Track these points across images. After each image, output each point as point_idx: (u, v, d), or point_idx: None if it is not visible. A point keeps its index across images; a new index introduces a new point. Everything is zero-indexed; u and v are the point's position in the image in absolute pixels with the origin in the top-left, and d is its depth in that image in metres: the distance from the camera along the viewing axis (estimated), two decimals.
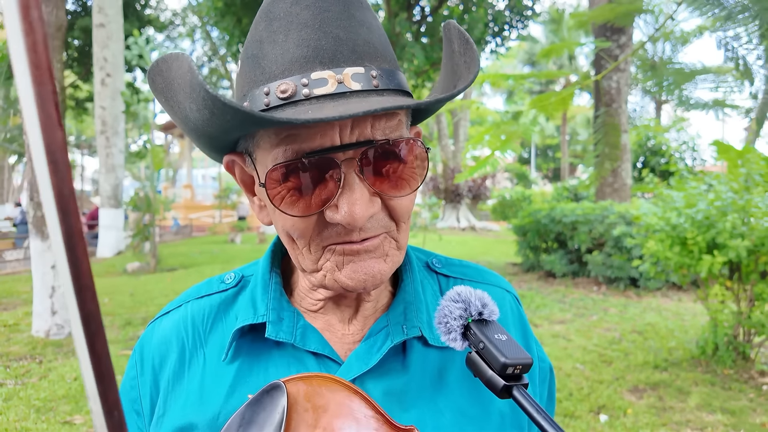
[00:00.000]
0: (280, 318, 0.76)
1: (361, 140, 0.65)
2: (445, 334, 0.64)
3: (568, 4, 31.93)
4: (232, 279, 0.85)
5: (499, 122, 4.49)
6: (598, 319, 7.27)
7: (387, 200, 0.69)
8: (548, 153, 49.06)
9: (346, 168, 0.65)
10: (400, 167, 0.69)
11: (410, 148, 0.69)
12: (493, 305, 0.64)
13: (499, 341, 0.60)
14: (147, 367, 0.81)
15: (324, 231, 0.68)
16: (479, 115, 39.96)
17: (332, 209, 0.66)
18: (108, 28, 13.46)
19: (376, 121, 0.66)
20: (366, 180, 0.66)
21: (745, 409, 4.28)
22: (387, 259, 0.71)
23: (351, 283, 0.69)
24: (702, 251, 5.00)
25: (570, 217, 9.46)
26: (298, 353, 0.74)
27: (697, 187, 5.40)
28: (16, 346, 5.98)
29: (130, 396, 0.82)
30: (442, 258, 0.91)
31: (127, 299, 8.54)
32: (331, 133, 0.63)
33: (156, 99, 0.77)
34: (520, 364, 0.58)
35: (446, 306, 0.65)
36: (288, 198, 0.66)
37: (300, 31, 0.65)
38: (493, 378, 0.59)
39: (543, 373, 0.89)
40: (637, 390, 4.74)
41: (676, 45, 7.00)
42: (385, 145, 0.67)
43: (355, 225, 0.65)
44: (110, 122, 13.68)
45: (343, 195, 0.65)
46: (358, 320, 0.80)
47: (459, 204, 24.76)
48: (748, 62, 4.10)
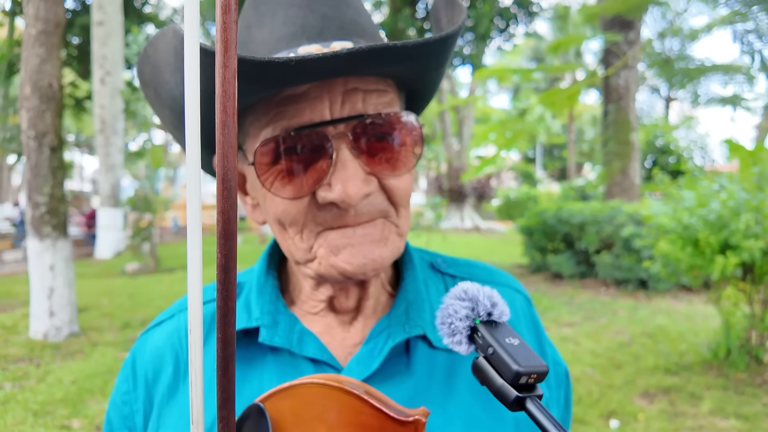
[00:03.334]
0: (275, 322, 0.72)
1: (353, 114, 0.62)
2: (448, 336, 0.56)
3: (574, 0, 31.86)
4: None
5: (505, 120, 4.41)
6: (607, 321, 7.18)
7: (383, 180, 0.66)
8: (554, 152, 48.91)
9: (337, 144, 0.62)
10: (395, 144, 0.66)
11: (404, 124, 0.66)
12: (503, 305, 0.57)
13: (510, 346, 0.52)
14: (140, 381, 0.77)
15: (317, 215, 0.65)
16: (484, 113, 39.87)
17: (325, 188, 0.63)
18: (107, 25, 13.45)
19: (368, 96, 0.64)
20: (360, 157, 0.63)
21: (760, 415, 4.21)
22: (387, 242, 0.68)
23: (350, 268, 0.65)
24: (714, 252, 4.93)
25: (578, 217, 9.41)
26: (294, 359, 0.71)
27: (708, 186, 5.32)
28: (13, 348, 5.93)
29: (122, 412, 0.78)
30: (447, 258, 0.87)
31: (126, 300, 8.50)
32: (320, 107, 0.61)
33: (144, 94, 0.74)
34: (534, 372, 0.50)
35: (451, 305, 0.57)
36: (279, 180, 0.64)
37: (286, 10, 0.64)
38: (504, 388, 0.51)
39: (559, 378, 0.85)
40: (648, 395, 4.67)
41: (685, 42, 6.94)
42: (377, 119, 0.63)
43: (350, 203, 0.62)
44: (109, 121, 13.65)
45: (336, 172, 0.62)
46: (358, 322, 0.76)
47: (463, 204, 24.71)
48: (764, 56, 4.00)
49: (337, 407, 0.55)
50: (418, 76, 0.69)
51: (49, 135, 6.00)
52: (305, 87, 0.61)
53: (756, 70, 4.10)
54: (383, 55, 0.58)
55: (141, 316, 7.35)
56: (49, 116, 5.99)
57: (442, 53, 0.66)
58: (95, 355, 5.64)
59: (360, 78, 0.63)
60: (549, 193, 25.23)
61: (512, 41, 12.78)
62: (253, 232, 24.76)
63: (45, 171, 6.01)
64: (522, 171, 38.84)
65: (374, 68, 0.61)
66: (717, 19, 4.73)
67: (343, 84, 0.62)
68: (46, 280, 6.12)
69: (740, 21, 3.91)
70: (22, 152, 6.27)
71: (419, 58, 0.64)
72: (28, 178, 6.10)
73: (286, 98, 0.62)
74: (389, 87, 0.67)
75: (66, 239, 6.29)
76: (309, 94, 0.62)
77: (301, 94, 0.62)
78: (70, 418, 4.21)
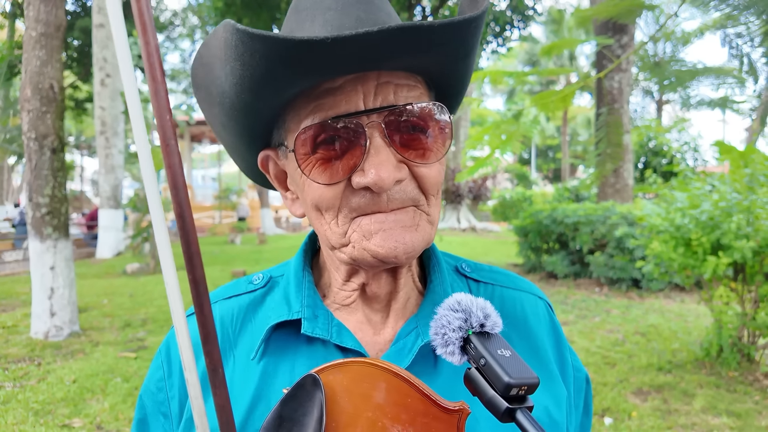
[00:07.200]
0: (314, 315, 0.76)
1: (385, 105, 0.67)
2: (441, 346, 0.58)
3: (568, 4, 31.89)
4: (260, 280, 0.85)
5: (500, 121, 4.45)
6: (601, 320, 7.23)
7: (414, 168, 0.70)
8: (549, 154, 49.01)
9: (371, 132, 0.66)
10: (424, 133, 0.70)
11: (433, 115, 0.70)
12: (496, 316, 0.58)
13: (502, 358, 0.53)
14: (175, 368, 0.80)
15: (352, 200, 0.69)
16: (479, 115, 39.93)
17: (359, 174, 0.67)
18: (108, 28, 13.45)
19: (399, 89, 0.68)
20: (392, 145, 0.67)
21: (751, 412, 4.24)
22: (418, 229, 0.70)
23: (382, 251, 0.68)
24: (706, 252, 4.97)
25: (572, 217, 9.45)
26: (328, 350, 0.74)
27: (701, 187, 5.36)
28: (14, 348, 5.94)
29: (156, 398, 0.80)
30: (471, 263, 0.90)
31: (126, 300, 8.51)
32: (355, 99, 0.66)
33: (197, 98, 0.78)
34: (525, 384, 0.52)
35: (444, 315, 0.58)
36: (316, 167, 0.68)
37: (324, 14, 0.69)
38: (495, 399, 0.52)
39: (579, 383, 0.86)
40: (641, 392, 4.71)
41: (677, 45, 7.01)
42: (409, 109, 0.68)
43: (383, 186, 0.65)
44: (110, 123, 13.68)
45: (369, 158, 0.66)
46: (389, 320, 0.79)
47: (459, 205, 24.75)
48: (752, 60, 4.05)
49: (385, 387, 0.58)
50: (445, 69, 0.73)
51: (50, 137, 6.03)
52: (341, 80, 0.66)
53: (745, 73, 4.14)
54: (412, 33, 0.61)
55: (141, 316, 7.37)
56: (50, 118, 6.02)
57: (468, 39, 0.68)
58: (96, 355, 5.66)
59: (391, 73, 0.68)
60: (543, 194, 25.28)
61: (507, 45, 12.82)
62: (252, 233, 24.75)
63: (46, 172, 6.04)
64: (517, 172, 38.89)
65: (404, 52, 0.64)
66: (708, 23, 4.79)
67: (376, 78, 0.67)
68: (47, 280, 6.15)
69: (732, 25, 3.96)
70: (23, 154, 6.29)
71: (446, 42, 0.66)
72: (29, 180, 6.12)
73: (324, 91, 0.67)
74: (418, 83, 0.72)
75: (67, 240, 6.32)
76: (345, 87, 0.66)
77: (337, 87, 0.66)
78: (70, 417, 4.21)
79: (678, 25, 8.56)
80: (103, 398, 4.54)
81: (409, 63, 0.68)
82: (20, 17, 17.82)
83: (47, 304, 6.19)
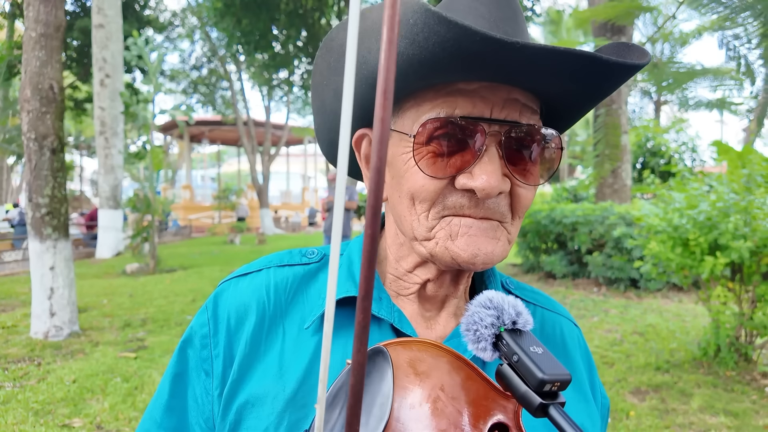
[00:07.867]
0: (379, 297, 0.77)
1: (509, 119, 0.68)
2: (473, 342, 0.58)
3: (567, 5, 31.97)
4: (315, 255, 0.85)
5: None
6: (599, 320, 7.25)
7: (515, 186, 0.71)
8: None
9: (489, 140, 0.67)
10: (534, 157, 0.71)
11: (549, 143, 0.72)
12: (527, 314, 0.58)
13: (535, 354, 0.54)
14: (221, 326, 0.78)
15: (449, 198, 0.70)
16: None
17: (466, 176, 0.68)
18: (107, 28, 13.46)
19: (524, 109, 0.69)
20: (503, 158, 0.68)
21: (748, 411, 4.25)
22: (499, 242, 0.71)
23: (463, 255, 0.69)
24: (704, 252, 4.98)
25: (570, 218, 9.46)
26: (383, 333, 0.74)
27: (698, 188, 5.38)
28: (14, 348, 5.94)
29: (201, 355, 0.79)
30: (514, 281, 0.92)
31: (126, 300, 8.51)
32: (483, 106, 0.67)
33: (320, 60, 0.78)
34: (558, 380, 0.52)
35: (476, 312, 0.58)
36: (427, 158, 0.69)
37: (476, 20, 0.68)
38: (528, 394, 0.53)
39: (604, 410, 0.88)
40: (639, 392, 4.72)
41: (675, 46, 7.02)
42: (528, 131, 0.69)
43: (490, 193, 0.66)
44: (109, 123, 13.67)
45: (480, 164, 0.67)
46: (440, 320, 0.80)
47: None
48: (749, 62, 4.08)
49: (447, 369, 0.59)
50: (573, 103, 0.74)
51: (50, 137, 6.04)
52: (476, 85, 0.67)
53: (742, 74, 4.17)
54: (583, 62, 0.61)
55: (141, 316, 7.37)
56: (50, 118, 6.02)
57: (619, 84, 0.69)
58: (96, 355, 5.66)
59: (521, 91, 0.69)
60: (542, 194, 25.31)
61: None
62: (251, 233, 24.75)
63: (46, 173, 6.05)
64: None
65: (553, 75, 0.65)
66: (706, 24, 4.81)
67: (507, 92, 0.68)
68: (47, 280, 6.15)
69: (730, 27, 3.98)
70: (23, 154, 6.30)
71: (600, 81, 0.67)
72: (28, 180, 6.12)
73: (456, 90, 0.68)
74: (538, 108, 0.72)
75: (66, 240, 6.33)
76: (477, 92, 0.67)
77: (471, 90, 0.67)
78: (71, 417, 4.19)
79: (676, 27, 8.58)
80: (103, 398, 4.54)
81: (545, 88, 0.69)
82: (20, 17, 17.84)
83: (47, 304, 6.19)
